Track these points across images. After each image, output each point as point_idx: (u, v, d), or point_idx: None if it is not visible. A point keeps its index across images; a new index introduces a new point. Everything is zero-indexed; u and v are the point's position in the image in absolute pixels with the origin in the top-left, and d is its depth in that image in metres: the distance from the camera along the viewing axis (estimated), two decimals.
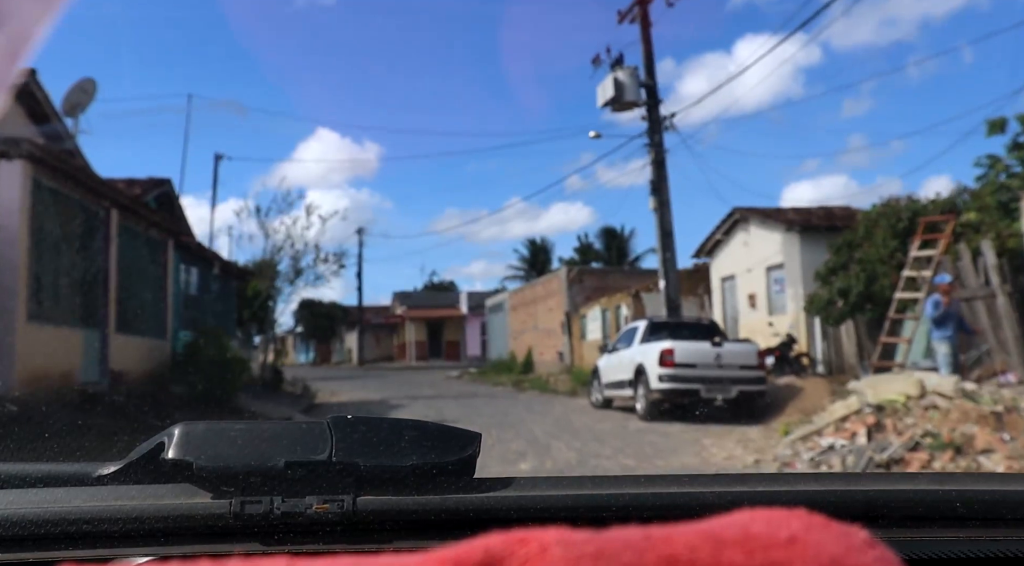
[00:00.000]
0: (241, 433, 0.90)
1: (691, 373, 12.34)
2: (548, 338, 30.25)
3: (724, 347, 12.72)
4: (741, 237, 21.04)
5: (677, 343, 12.65)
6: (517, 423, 12.77)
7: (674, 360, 12.37)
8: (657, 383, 12.43)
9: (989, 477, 1.40)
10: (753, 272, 20.48)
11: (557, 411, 15.34)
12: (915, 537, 0.96)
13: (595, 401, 15.66)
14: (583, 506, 0.92)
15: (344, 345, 59.64)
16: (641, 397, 12.98)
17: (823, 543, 0.33)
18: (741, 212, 20.89)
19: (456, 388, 25.15)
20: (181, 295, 14.79)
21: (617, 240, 53.58)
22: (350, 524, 0.88)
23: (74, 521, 0.85)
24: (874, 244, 15.37)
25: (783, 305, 19.51)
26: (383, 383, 28.33)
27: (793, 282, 18.89)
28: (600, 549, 0.32)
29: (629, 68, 18.27)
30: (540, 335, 31.05)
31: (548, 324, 30.17)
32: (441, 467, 0.91)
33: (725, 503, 0.89)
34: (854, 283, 15.29)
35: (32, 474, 0.97)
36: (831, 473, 2.03)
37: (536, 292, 31.88)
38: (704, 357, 12.49)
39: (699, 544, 0.32)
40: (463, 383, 28.70)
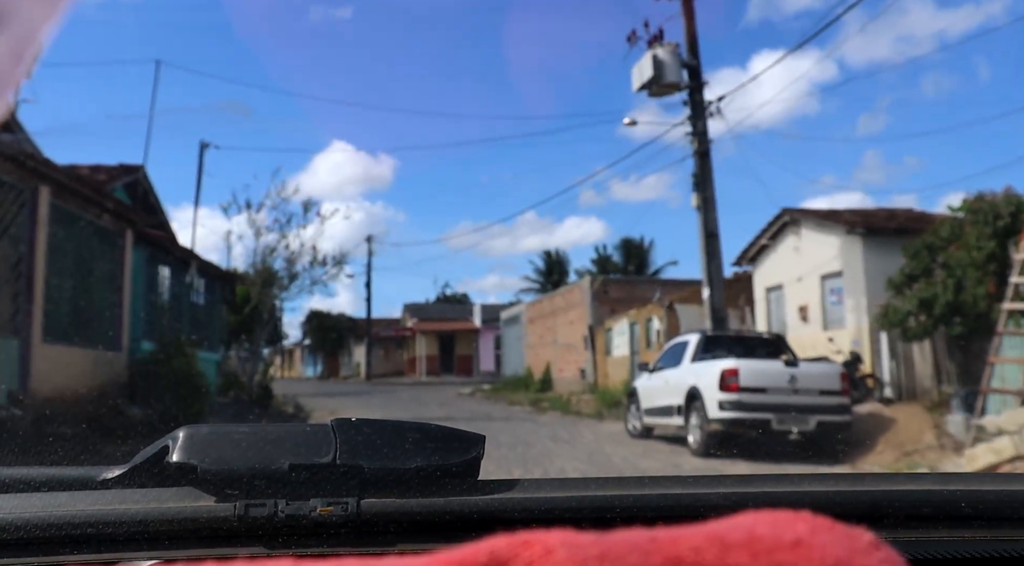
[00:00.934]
0: (245, 436, 0.90)
1: (760, 400, 9.99)
2: (568, 353, 27.91)
3: (800, 368, 10.36)
4: (791, 242, 18.68)
5: (742, 362, 10.31)
6: (543, 458, 10.47)
7: (739, 383, 10.02)
8: (717, 411, 10.08)
9: (994, 477, 1.26)
10: (805, 281, 18.10)
11: (587, 440, 13.01)
12: (920, 538, 0.95)
13: (632, 429, 13.31)
14: (588, 508, 0.92)
15: (353, 359, 57.37)
16: (695, 428, 10.64)
17: (828, 545, 0.33)
18: (791, 214, 18.54)
19: (468, 407, 22.83)
20: (145, 299, 12.54)
21: (636, 251, 51.29)
22: (354, 527, 0.88)
23: (78, 525, 0.85)
24: (964, 246, 12.99)
25: (840, 318, 17.12)
26: (389, 400, 26.11)
27: (853, 292, 16.51)
28: (605, 551, 0.31)
29: (670, 45, 16.00)
30: (560, 350, 28.71)
31: (568, 338, 27.82)
32: (445, 469, 0.91)
33: (730, 505, 0.87)
34: (940, 292, 12.91)
35: (36, 478, 0.98)
36: (835, 474, 1.21)
37: (555, 304, 29.56)
38: (776, 380, 10.13)
39: (704, 546, 0.32)
40: (476, 401, 26.37)
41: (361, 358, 51.84)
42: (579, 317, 26.86)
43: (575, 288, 27.68)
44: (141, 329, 12.16)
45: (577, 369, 27.04)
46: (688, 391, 10.87)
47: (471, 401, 26.75)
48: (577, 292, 27.22)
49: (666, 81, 15.99)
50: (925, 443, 9.45)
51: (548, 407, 22.18)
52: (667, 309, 20.85)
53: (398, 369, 52.94)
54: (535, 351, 31.49)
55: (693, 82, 16.28)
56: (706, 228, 15.89)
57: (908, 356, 15.28)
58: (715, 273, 15.91)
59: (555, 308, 29.43)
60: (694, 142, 16.18)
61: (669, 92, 16.44)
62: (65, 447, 7.71)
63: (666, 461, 10.30)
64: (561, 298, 29.03)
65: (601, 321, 25.40)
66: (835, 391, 10.29)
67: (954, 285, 12.88)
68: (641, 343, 22.17)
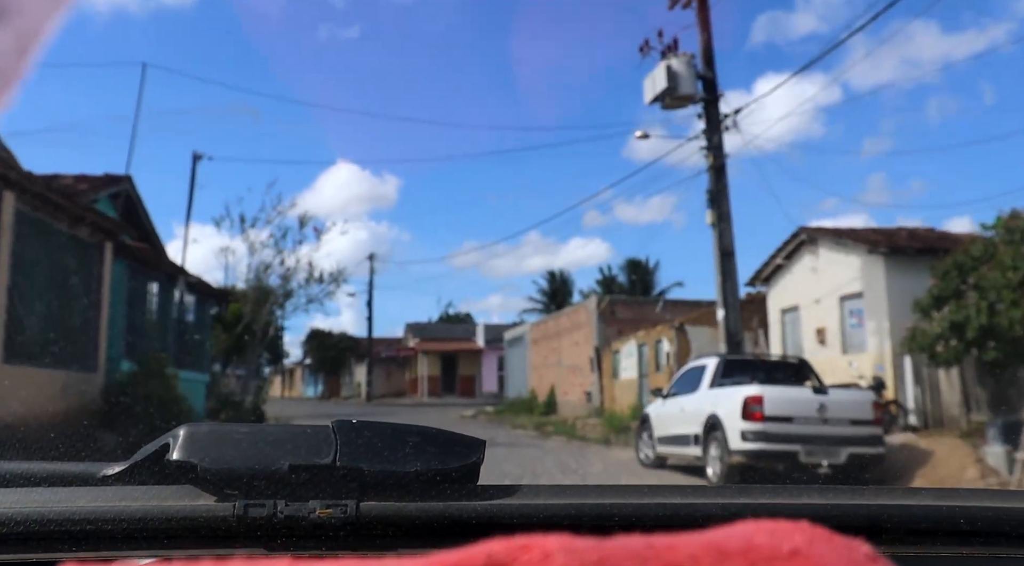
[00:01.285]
0: (245, 436, 0.90)
1: (787, 430, 9.18)
2: (574, 375, 27.09)
3: (829, 395, 9.55)
4: (808, 262, 17.91)
5: (767, 389, 9.50)
6: None
7: (763, 412, 9.21)
8: (739, 442, 9.27)
9: (992, 494, 1.15)
10: (823, 303, 17.32)
11: (597, 469, 12.19)
12: (918, 552, 0.95)
13: (644, 458, 12.48)
14: (587, 515, 0.91)
15: (354, 379, 56.54)
16: (715, 459, 9.83)
17: (826, 556, 0.34)
18: (808, 232, 17.78)
19: (472, 431, 21.60)
20: (126, 316, 11.78)
21: (641, 272, 50.53)
22: (353, 529, 0.88)
23: (78, 521, 0.84)
24: (999, 266, 12.22)
25: (861, 342, 16.32)
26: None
27: (875, 314, 15.73)
28: (603, 557, 0.32)
29: (685, 55, 15.32)
30: (565, 372, 27.89)
31: (574, 360, 27.01)
32: (445, 473, 0.91)
33: (728, 515, 0.84)
34: (973, 315, 12.12)
35: (37, 473, 0.98)
36: (834, 487, 1.09)
37: (560, 324, 28.77)
38: (803, 408, 9.33)
39: (702, 555, 0.32)
40: (479, 424, 25.54)
41: (362, 378, 50.99)
42: (585, 338, 26.07)
43: (581, 308, 26.91)
44: (121, 348, 11.40)
45: (582, 392, 26.22)
46: (707, 420, 10.07)
47: (474, 424, 25.92)
48: (583, 312, 26.45)
49: (680, 93, 15.30)
50: (967, 478, 8.66)
51: (553, 431, 21.36)
52: (677, 331, 20.06)
53: (399, 389, 52.08)
54: (539, 373, 30.67)
55: (708, 94, 15.59)
56: (721, 246, 15.14)
57: (934, 382, 14.47)
58: (731, 294, 15.14)
59: (560, 329, 28.65)
60: (709, 157, 15.47)
61: (683, 104, 15.75)
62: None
63: None
64: (567, 318, 28.26)
65: (608, 342, 24.60)
66: (867, 421, 9.48)
67: (987, 308, 12.10)
68: (650, 366, 21.36)
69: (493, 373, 45.89)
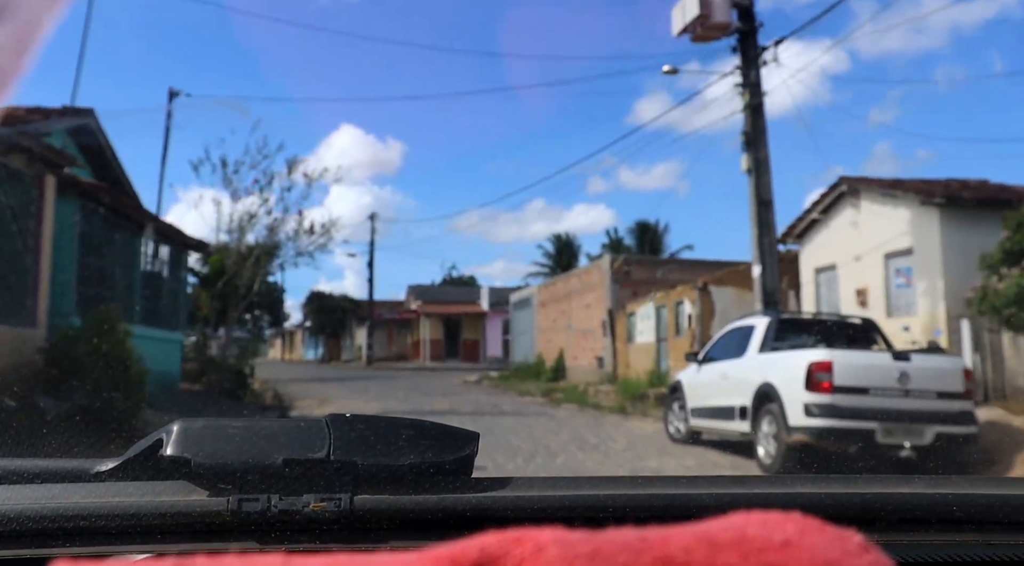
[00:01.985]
0: (239, 431, 0.89)
1: (861, 403, 7.57)
2: (584, 339, 25.55)
3: (912, 361, 7.93)
4: (848, 216, 16.25)
5: (837, 354, 7.88)
6: (571, 469, 8.15)
7: (832, 381, 7.61)
8: (803, 418, 7.67)
9: (985, 481, 1.18)
10: (864, 260, 15.69)
11: (620, 445, 10.64)
12: (911, 540, 0.95)
13: (674, 432, 10.92)
14: (580, 506, 0.91)
15: (355, 342, 55.10)
16: (767, 437, 8.26)
17: (818, 546, 0.34)
18: (850, 183, 16.09)
19: (475, 398, 20.53)
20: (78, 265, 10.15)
21: (651, 235, 48.90)
22: (347, 523, 0.88)
23: (71, 517, 0.84)
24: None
25: (909, 303, 14.72)
26: (388, 388, 23.86)
27: (927, 273, 14.11)
28: (596, 549, 0.32)
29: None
30: (574, 336, 26.35)
31: (584, 323, 25.46)
32: (439, 466, 0.91)
33: (721, 505, 0.87)
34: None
35: (30, 470, 0.97)
36: (827, 476, 1.09)
37: (570, 286, 27.17)
38: (881, 377, 7.72)
39: (694, 546, 0.33)
40: (483, 390, 24.09)
41: (363, 341, 49.49)
42: (597, 300, 24.50)
43: (593, 269, 25.28)
44: (72, 301, 9.82)
45: (593, 357, 24.70)
46: (758, 390, 8.50)
47: (478, 390, 24.46)
48: (595, 273, 24.83)
49: (714, 21, 13.54)
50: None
51: (563, 399, 19.88)
52: (700, 291, 18.45)
53: (401, 353, 50.68)
54: (547, 336, 29.15)
55: (745, 25, 13.84)
56: (758, 194, 13.49)
57: (996, 349, 12.92)
58: (768, 248, 13.51)
59: (570, 290, 27.06)
60: (745, 94, 13.75)
61: (715, 36, 13.98)
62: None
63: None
64: (577, 279, 26.64)
65: (622, 305, 23.02)
66: (957, 393, 7.87)
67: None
68: (669, 329, 19.78)
69: (498, 337, 44.43)
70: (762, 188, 13.51)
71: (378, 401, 18.82)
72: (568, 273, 28.74)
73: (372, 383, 26.82)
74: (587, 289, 25.46)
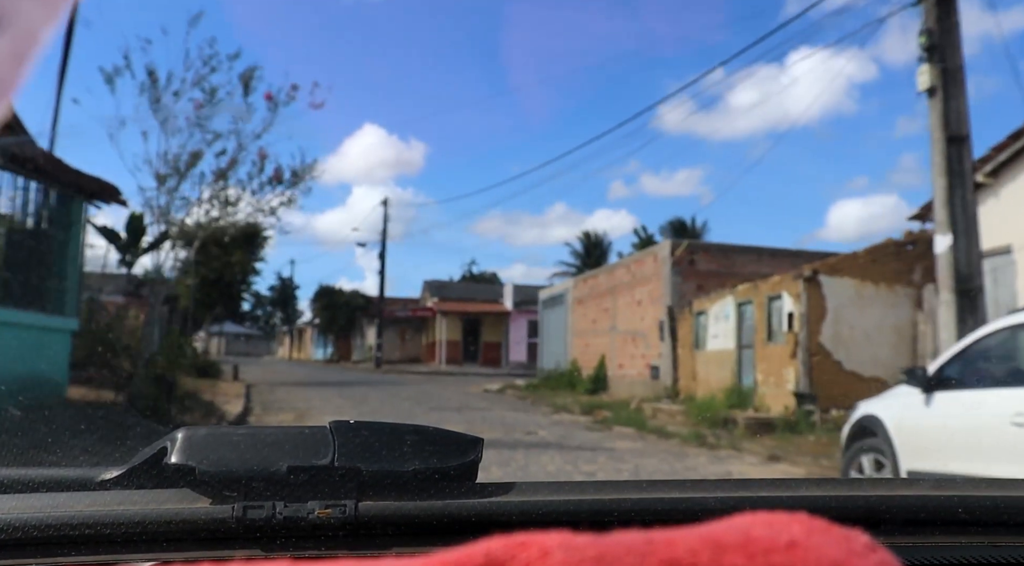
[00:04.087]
0: (244, 438, 0.90)
1: None
2: (632, 344, 20.90)
3: None
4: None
5: None
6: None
7: None
8: None
9: (990, 482, 1.11)
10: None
11: None
12: (916, 542, 0.95)
13: None
14: (585, 511, 0.91)
15: (366, 341, 50.61)
16: None
17: (824, 547, 0.34)
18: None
19: (500, 415, 15.92)
20: None
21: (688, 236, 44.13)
22: (352, 529, 0.88)
23: (76, 526, 0.84)
24: None
25: None
26: (392, 398, 19.34)
27: None
28: (602, 553, 0.32)
29: None
30: (620, 339, 21.70)
31: (633, 324, 20.81)
32: (443, 472, 0.91)
33: (727, 508, 0.88)
34: None
35: (35, 479, 0.98)
36: (832, 479, 1.18)
37: (616, 279, 22.50)
38: None
39: (700, 548, 0.33)
40: (508, 403, 19.51)
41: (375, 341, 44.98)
42: (651, 296, 19.84)
43: (647, 257, 20.58)
44: None
45: (645, 365, 20.02)
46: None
47: (501, 403, 19.87)
48: (650, 262, 20.15)
49: None
50: None
51: (613, 420, 15.26)
52: (806, 282, 13.72)
53: (414, 355, 46.14)
54: (584, 340, 24.50)
55: None
56: (946, 125, 8.80)
57: None
58: (962, 208, 8.80)
59: (615, 285, 22.39)
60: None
61: None
62: None
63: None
64: (625, 271, 21.95)
65: (687, 302, 18.33)
66: None
67: None
68: (758, 333, 15.07)
69: (522, 340, 39.81)
70: (952, 116, 8.82)
71: (374, 417, 14.27)
72: (613, 264, 24.05)
73: (376, 390, 22.31)
74: (638, 282, 20.78)
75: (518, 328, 39.84)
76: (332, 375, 32.90)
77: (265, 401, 18.10)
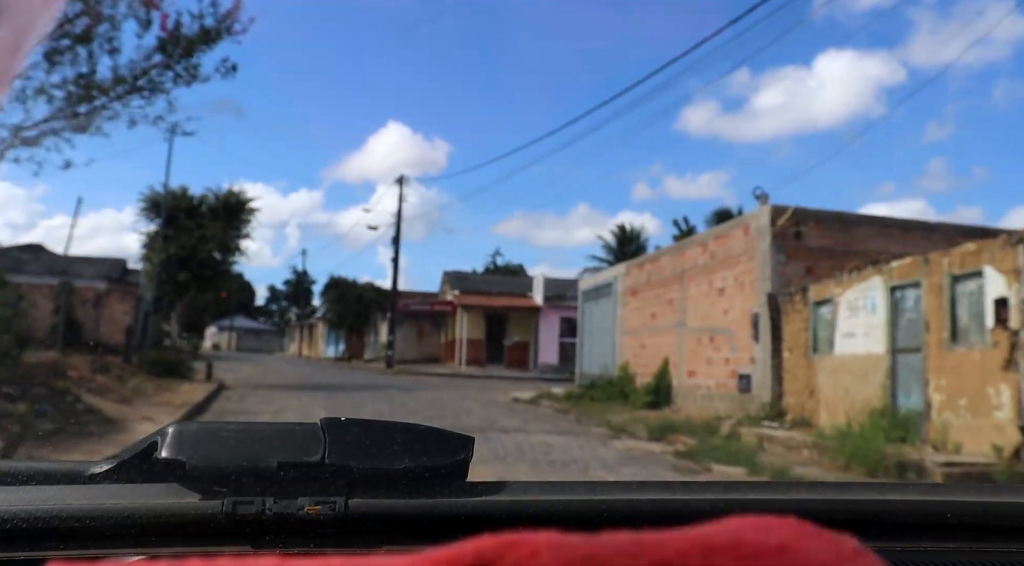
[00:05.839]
0: (234, 433, 0.89)
1: None
2: (710, 345, 15.99)
3: None
4: None
5: None
6: None
7: None
8: None
9: (979, 489, 1.12)
10: None
11: None
12: (905, 547, 0.95)
13: None
14: (576, 511, 0.91)
15: (379, 338, 45.83)
16: None
17: (813, 551, 0.34)
18: None
19: (540, 444, 11.03)
20: None
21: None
22: (342, 526, 0.87)
23: (65, 519, 0.84)
24: None
25: None
26: (393, 410, 14.70)
27: None
28: (591, 553, 0.32)
29: None
30: (691, 339, 16.79)
31: (713, 318, 15.92)
32: (434, 470, 0.91)
33: (717, 510, 0.85)
34: None
35: (25, 472, 0.97)
36: (822, 482, 1.23)
37: (685, 261, 17.57)
38: None
39: (690, 550, 0.32)
40: (547, 420, 14.66)
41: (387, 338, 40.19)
42: (740, 281, 14.92)
43: (734, 231, 15.57)
44: None
45: (729, 373, 15.11)
46: None
47: (538, 418, 15.06)
48: (738, 238, 15.19)
49: None
50: None
51: (701, 451, 10.48)
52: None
53: (433, 354, 41.36)
54: (639, 339, 19.60)
55: None
56: None
57: None
58: None
59: (685, 268, 17.46)
60: None
61: None
62: None
63: None
64: (699, 251, 16.98)
65: (799, 289, 13.40)
66: None
67: None
68: (933, 330, 10.06)
69: (553, 339, 34.92)
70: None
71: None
72: (681, 242, 18.99)
73: (378, 398, 17.56)
74: (720, 265, 15.84)
75: (549, 326, 34.97)
76: (334, 376, 28.25)
77: (223, 411, 13.52)
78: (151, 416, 10.43)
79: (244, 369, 29.01)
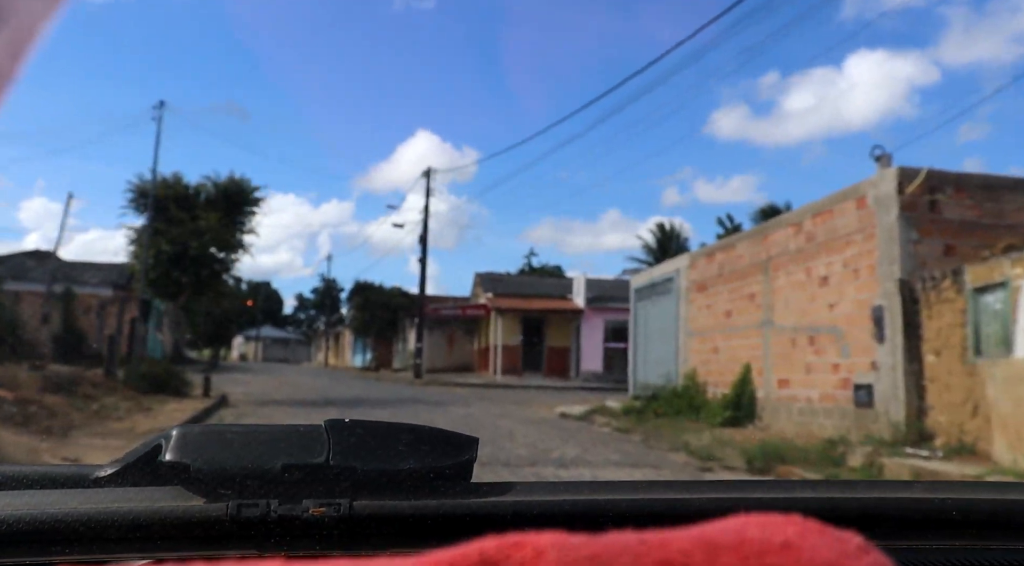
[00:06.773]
0: (238, 436, 0.88)
1: None
2: (809, 348, 12.86)
3: None
4: None
5: None
6: None
7: None
8: None
9: (985, 486, 1.10)
10: None
11: None
12: (910, 545, 0.94)
13: None
14: (580, 511, 0.90)
15: (408, 346, 43.02)
16: None
17: (818, 548, 0.34)
18: None
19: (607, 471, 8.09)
20: None
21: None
22: (347, 528, 0.87)
23: (70, 523, 0.83)
24: None
25: None
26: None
27: None
28: (596, 553, 0.32)
29: None
30: (782, 340, 13.64)
31: (813, 314, 12.78)
32: (438, 471, 0.90)
33: (721, 509, 0.80)
34: None
35: (29, 475, 0.96)
36: (826, 480, 1.30)
37: (769, 247, 14.41)
38: None
39: (694, 549, 0.33)
40: (608, 444, 11.59)
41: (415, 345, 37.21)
42: (851, 266, 11.79)
43: (843, 204, 12.35)
44: None
45: (839, 383, 11.96)
46: None
47: (594, 440, 12.03)
48: (849, 212, 12.00)
49: None
50: None
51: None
52: None
53: (465, 363, 38.39)
54: (710, 342, 16.47)
55: None
56: None
57: None
58: None
59: (771, 255, 14.31)
60: None
61: None
62: None
63: None
64: (791, 233, 13.80)
65: (945, 274, 10.21)
66: None
67: None
68: None
69: (597, 344, 31.81)
70: None
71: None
72: (763, 225, 15.80)
73: (402, 416, 14.51)
74: (822, 248, 12.69)
75: (592, 330, 31.89)
76: (356, 388, 25.40)
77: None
78: (73, 457, 7.51)
79: (258, 382, 26.35)
